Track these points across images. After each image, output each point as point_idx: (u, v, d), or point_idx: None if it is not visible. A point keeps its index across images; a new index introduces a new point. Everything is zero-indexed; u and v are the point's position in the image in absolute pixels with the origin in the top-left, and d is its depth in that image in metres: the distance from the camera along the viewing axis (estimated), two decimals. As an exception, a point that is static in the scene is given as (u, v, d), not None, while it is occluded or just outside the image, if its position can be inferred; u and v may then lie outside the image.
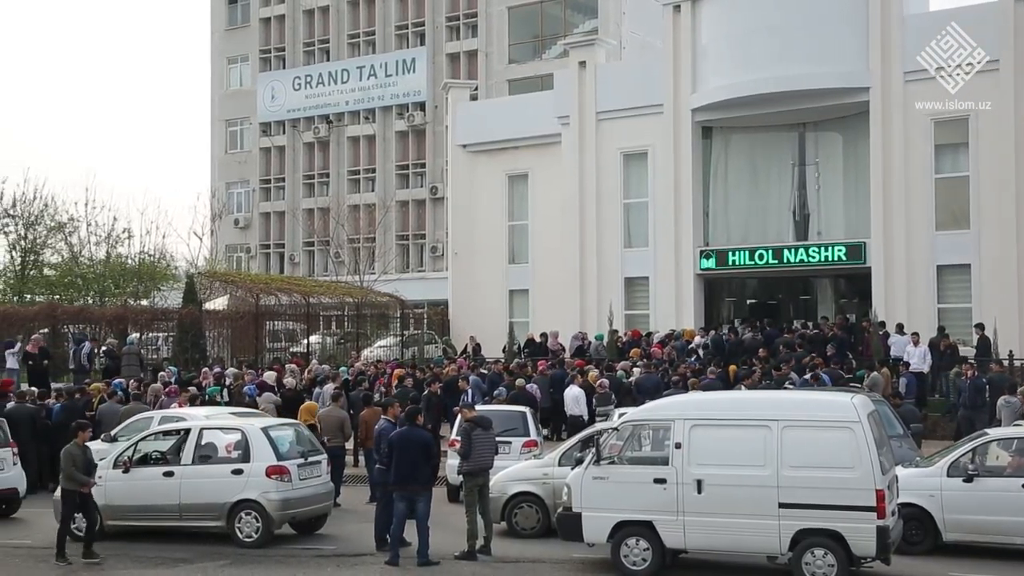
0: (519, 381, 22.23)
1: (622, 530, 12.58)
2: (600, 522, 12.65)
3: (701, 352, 25.98)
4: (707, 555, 12.95)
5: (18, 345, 25.75)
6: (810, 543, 11.84)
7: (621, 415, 15.04)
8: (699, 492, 12.18)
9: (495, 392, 22.52)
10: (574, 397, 21.76)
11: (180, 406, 19.66)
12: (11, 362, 25.36)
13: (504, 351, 30.89)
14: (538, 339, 29.68)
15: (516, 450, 17.44)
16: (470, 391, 22.07)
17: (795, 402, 13.24)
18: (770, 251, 29.82)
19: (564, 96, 33.12)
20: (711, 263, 30.51)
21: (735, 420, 12.49)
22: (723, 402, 13.89)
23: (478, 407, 17.43)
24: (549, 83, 36.95)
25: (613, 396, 20.79)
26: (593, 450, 13.03)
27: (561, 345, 28.94)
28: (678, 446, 12.36)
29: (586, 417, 21.18)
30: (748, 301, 33.76)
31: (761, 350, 24.58)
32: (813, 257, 29.21)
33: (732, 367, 23.47)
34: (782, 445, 11.94)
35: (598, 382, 21.50)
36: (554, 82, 34.74)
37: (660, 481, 12.37)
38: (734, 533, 12.10)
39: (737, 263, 30.27)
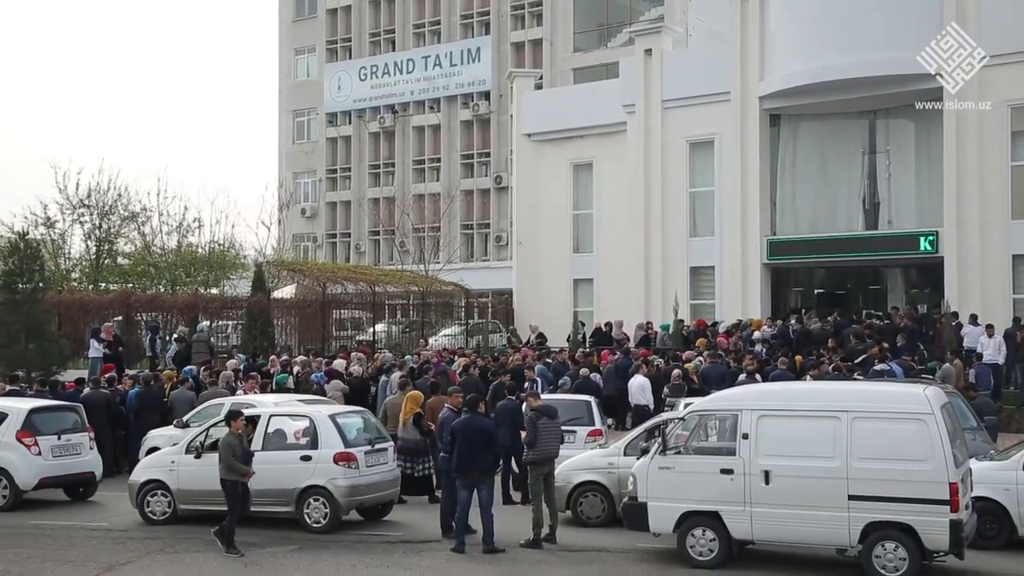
0: (584, 370, 22.20)
1: (688, 520, 12.52)
2: (666, 512, 12.61)
3: (764, 343, 25.63)
4: (775, 547, 12.83)
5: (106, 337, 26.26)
6: (881, 536, 11.67)
7: (687, 405, 14.96)
8: (767, 483, 12.07)
9: (559, 381, 22.51)
10: (639, 386, 21.68)
11: (246, 392, 19.94)
12: (95, 350, 25.95)
13: (568, 340, 30.88)
14: (603, 328, 29.62)
15: (581, 439, 17.46)
16: (539, 380, 21.99)
17: (865, 393, 13.02)
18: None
19: (630, 84, 32.92)
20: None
21: (803, 411, 12.35)
22: (791, 392, 13.72)
23: (542, 396, 17.42)
24: (614, 71, 36.74)
25: (686, 387, 20.67)
26: (659, 440, 12.98)
27: (625, 334, 28.84)
28: (745, 436, 12.26)
29: (651, 406, 21.10)
30: (816, 291, 33.33)
31: (830, 340, 24.25)
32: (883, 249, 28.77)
33: (799, 357, 23.19)
34: (852, 436, 11.78)
35: (673, 372, 21.38)
36: (620, 70, 34.54)
37: (727, 472, 12.29)
38: (802, 525, 11.97)
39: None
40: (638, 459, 13.45)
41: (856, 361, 21.55)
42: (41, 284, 26.63)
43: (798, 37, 29.19)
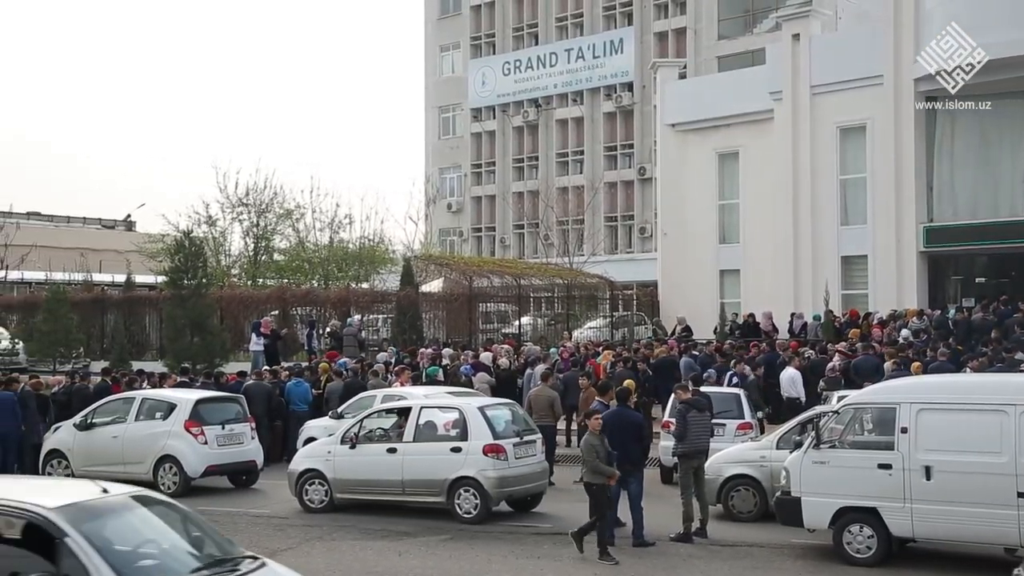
0: (733, 362, 21.86)
1: (844, 516, 12.20)
2: (821, 507, 12.32)
3: (915, 334, 24.61)
4: (937, 544, 12.38)
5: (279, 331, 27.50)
6: (1054, 535, 11.13)
7: (840, 398, 14.58)
8: (928, 479, 11.65)
9: (705, 374, 22.20)
10: (790, 379, 21.26)
11: (402, 384, 20.39)
12: (255, 343, 26.99)
13: (715, 332, 30.44)
14: (751, 320, 29.11)
15: (731, 432, 17.20)
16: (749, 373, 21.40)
17: (1034, 386, 12.42)
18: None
19: (777, 71, 32.19)
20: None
21: (967, 404, 11.86)
22: (953, 385, 13.20)
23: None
24: (760, 58, 35.97)
25: (842, 380, 20.14)
26: (812, 433, 12.69)
27: (774, 325, 28.28)
28: (904, 431, 11.86)
29: (803, 399, 20.65)
30: (977, 279, 31.92)
31: (993, 331, 23.19)
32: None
33: (960, 349, 22.25)
34: (1021, 431, 11.26)
35: (829, 364, 20.86)
36: (766, 57, 33.84)
37: (885, 467, 11.91)
38: (967, 522, 11.51)
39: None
40: (791, 453, 13.17)
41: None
42: (204, 280, 27.85)
43: (957, 14, 27.91)
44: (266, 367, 24.18)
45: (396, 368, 22.59)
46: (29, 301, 38.47)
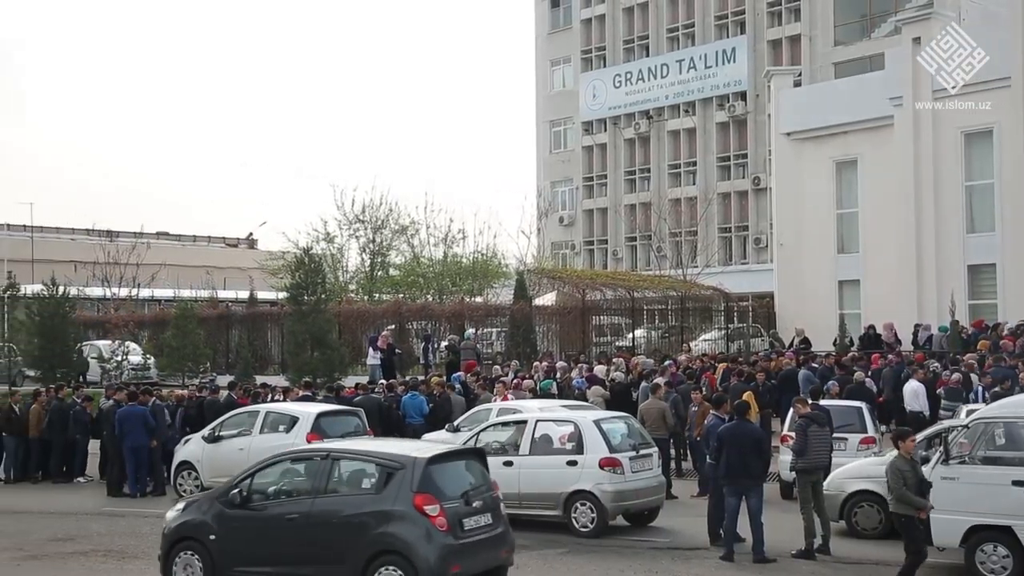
0: (857, 375, 21.37)
1: (977, 535, 11.78)
2: (951, 525, 11.91)
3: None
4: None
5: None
6: None
7: (969, 412, 14.11)
8: (1067, 496, 11.17)
9: (826, 386, 21.71)
10: (913, 392, 20.63)
11: (504, 399, 20.38)
12: (372, 357, 27.47)
13: (834, 344, 29.76)
14: (872, 331, 28.38)
15: (852, 447, 16.79)
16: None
17: None
18: None
19: (896, 76, 31.34)
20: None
21: (1106, 419, 11.35)
22: (1091, 399, 12.66)
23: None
24: (878, 64, 35.09)
25: (963, 392, 19.49)
26: (940, 448, 12.29)
27: (897, 337, 27.52)
28: (1040, 446, 11.41)
29: (927, 413, 20.04)
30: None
31: None
32: None
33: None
34: None
35: (952, 376, 20.19)
36: (885, 62, 33.00)
37: (1020, 484, 11.46)
38: (1110, 543, 10.99)
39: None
40: (917, 469, 12.78)
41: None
42: (323, 296, 28.50)
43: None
44: (382, 380, 24.57)
45: (514, 381, 22.66)
46: (159, 318, 39.87)
